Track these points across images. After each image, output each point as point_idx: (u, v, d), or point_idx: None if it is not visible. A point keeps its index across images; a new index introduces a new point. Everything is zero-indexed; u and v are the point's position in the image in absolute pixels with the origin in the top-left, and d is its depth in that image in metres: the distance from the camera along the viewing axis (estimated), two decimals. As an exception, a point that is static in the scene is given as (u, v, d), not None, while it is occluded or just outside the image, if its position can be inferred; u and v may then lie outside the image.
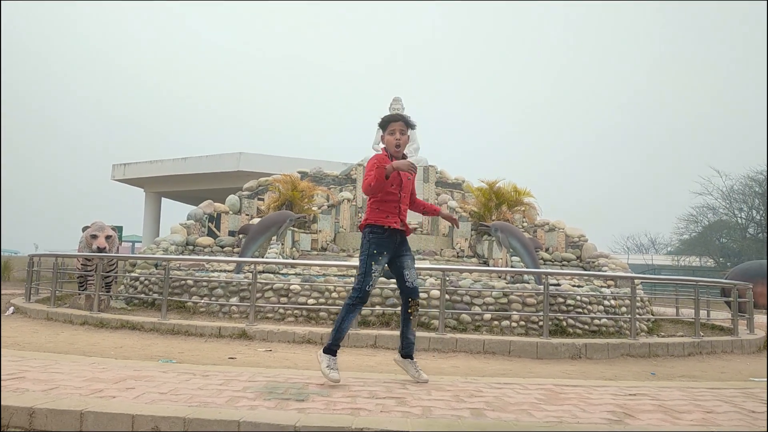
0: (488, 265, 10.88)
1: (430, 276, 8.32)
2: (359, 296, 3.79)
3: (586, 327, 7.69)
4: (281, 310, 7.83)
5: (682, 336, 8.04)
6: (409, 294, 3.92)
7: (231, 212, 12.53)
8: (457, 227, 4.37)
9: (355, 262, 8.82)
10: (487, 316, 7.53)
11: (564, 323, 7.60)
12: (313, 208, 12.29)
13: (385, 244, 3.84)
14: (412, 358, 4.00)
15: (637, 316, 7.75)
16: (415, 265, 4.10)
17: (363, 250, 3.87)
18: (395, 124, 3.89)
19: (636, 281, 8.07)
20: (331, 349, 3.80)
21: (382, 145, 4.08)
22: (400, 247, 3.93)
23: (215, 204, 12.51)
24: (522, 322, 7.53)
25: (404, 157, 3.98)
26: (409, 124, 3.92)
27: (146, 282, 9.05)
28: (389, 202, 3.86)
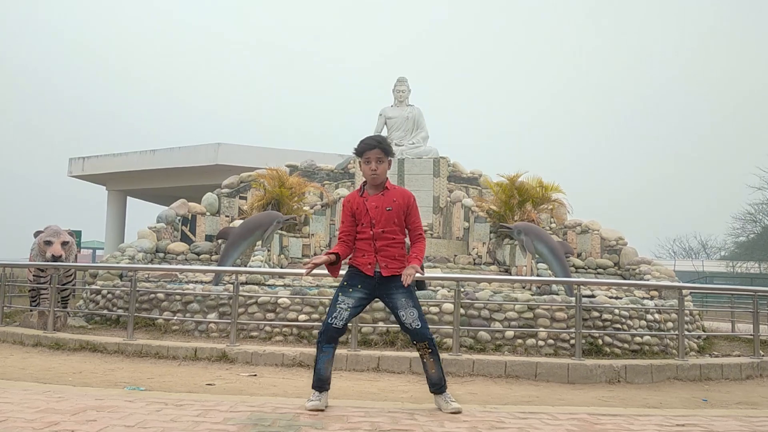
0: (510, 274, 10.87)
1: (442, 287, 8.32)
2: (323, 330, 3.89)
3: (626, 346, 7.68)
4: (267, 328, 7.84)
5: (739, 355, 8.03)
6: (412, 337, 3.94)
7: (208, 213, 12.56)
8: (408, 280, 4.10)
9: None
10: (510, 333, 7.53)
11: (600, 341, 7.59)
12: (305, 208, 12.30)
13: (359, 279, 3.94)
14: (441, 394, 4.01)
15: (686, 332, 7.74)
16: (425, 273, 4.10)
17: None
18: (370, 153, 3.92)
19: (684, 291, 8.06)
20: (316, 386, 3.91)
21: (384, 134, 4.12)
22: (384, 285, 3.93)
23: (190, 204, 12.54)
24: (550, 341, 7.52)
25: (383, 187, 3.97)
26: (387, 152, 3.97)
27: (109, 296, 9.07)
28: (362, 240, 3.96)
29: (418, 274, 3.88)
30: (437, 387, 3.99)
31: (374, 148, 3.93)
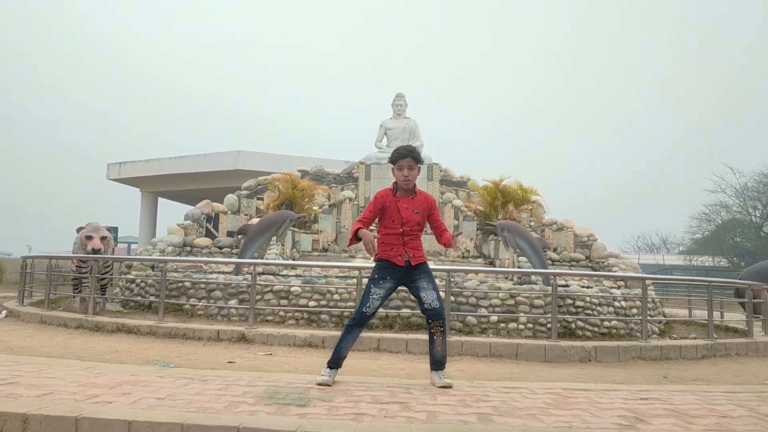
0: (494, 266, 10.87)
1: (435, 277, 8.29)
2: (356, 317, 3.97)
3: (596, 329, 7.68)
4: (281, 313, 7.83)
5: (695, 338, 8.03)
6: (429, 316, 3.99)
7: (229, 212, 12.55)
8: (459, 243, 4.38)
9: (358, 263, 8.83)
10: (494, 318, 7.53)
11: (573, 325, 7.59)
12: (314, 208, 12.29)
13: (389, 271, 4.00)
14: (438, 371, 4.06)
15: (649, 317, 7.74)
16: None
17: (370, 275, 4.10)
18: (403, 161, 4.02)
19: (647, 282, 8.06)
20: (331, 362, 3.94)
21: (384, 143, 4.16)
22: (411, 273, 4.03)
23: (213, 204, 12.52)
24: (530, 325, 7.52)
25: (413, 190, 4.08)
26: (417, 160, 4.06)
27: (142, 284, 9.07)
28: (391, 235, 4.03)
29: (459, 237, 4.13)
30: (440, 364, 4.05)
31: (406, 157, 4.03)
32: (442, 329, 4.01)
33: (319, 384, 3.78)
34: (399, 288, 4.22)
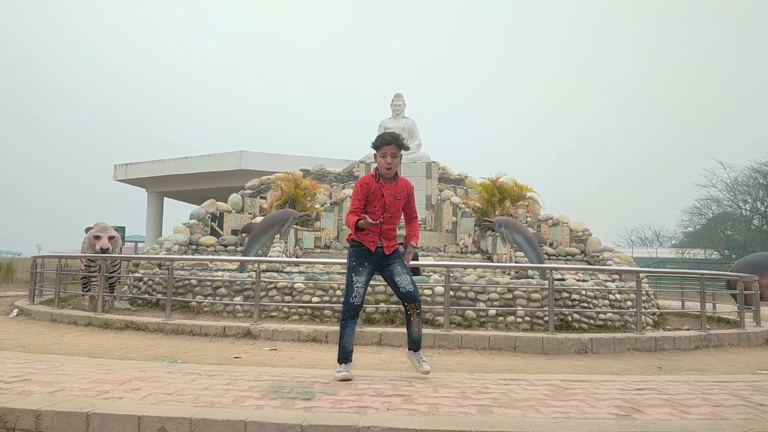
0: (492, 261, 10.86)
1: (434, 272, 8.31)
2: (346, 309, 3.92)
3: (592, 322, 7.68)
4: (285, 309, 7.84)
5: (689, 329, 8.03)
6: (404, 299, 3.97)
7: (234, 211, 12.54)
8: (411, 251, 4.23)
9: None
10: (492, 312, 7.53)
11: (569, 318, 7.59)
12: (316, 206, 12.28)
13: (365, 256, 3.95)
14: (416, 351, 4.09)
15: (643, 309, 7.74)
16: (420, 261, 4.13)
17: (347, 264, 4.03)
18: (387, 148, 3.93)
19: (641, 275, 8.06)
20: (342, 359, 3.93)
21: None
22: (385, 259, 3.99)
23: (218, 203, 12.51)
24: (527, 318, 7.52)
25: (396, 175, 4.01)
26: (401, 146, 3.98)
27: (150, 282, 9.07)
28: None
29: (415, 250, 4.04)
30: (417, 344, 4.06)
31: (390, 144, 3.94)
32: (418, 311, 4.00)
33: (340, 380, 3.75)
34: None
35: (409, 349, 4.11)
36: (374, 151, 4.01)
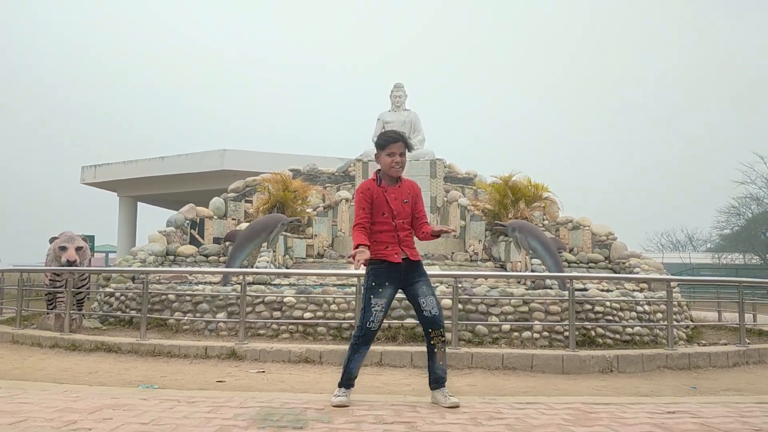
0: (506, 270, 10.87)
1: (441, 283, 8.32)
2: (361, 335, 3.87)
3: (618, 337, 7.69)
4: (274, 326, 7.84)
5: (726, 344, 8.03)
6: (428, 325, 3.88)
7: (216, 217, 12.56)
8: (450, 234, 4.31)
9: (356, 270, 8.83)
10: (506, 327, 7.54)
11: (592, 333, 7.59)
12: (308, 210, 12.30)
13: (385, 275, 3.87)
14: (441, 388, 3.95)
15: (675, 322, 7.74)
16: (426, 270, 4.08)
17: (364, 284, 3.97)
18: (395, 146, 3.91)
19: (672, 283, 8.08)
20: (343, 383, 3.89)
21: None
22: (409, 275, 3.92)
23: (198, 208, 12.53)
24: (545, 333, 7.53)
25: (399, 180, 3.99)
26: (408, 146, 3.97)
27: (122, 298, 9.07)
28: (385, 232, 3.89)
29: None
30: (442, 381, 3.92)
31: (398, 141, 3.93)
32: (443, 339, 3.92)
33: (335, 406, 3.72)
34: (402, 296, 4.15)
35: (432, 389, 3.96)
36: (375, 151, 4.00)
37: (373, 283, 3.86)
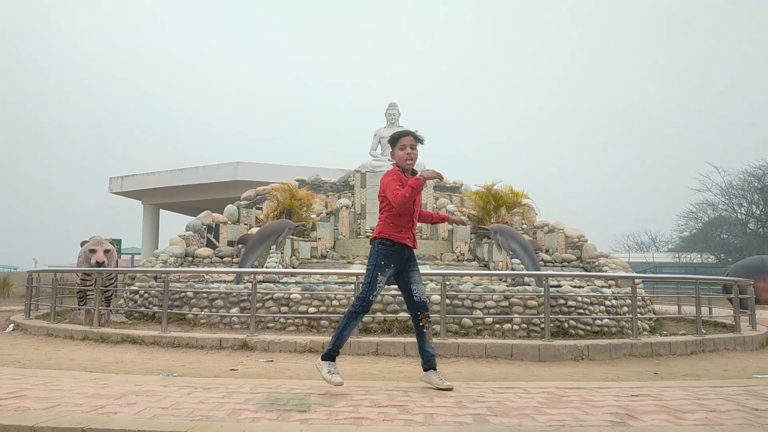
0: (489, 269, 10.88)
1: (431, 281, 8.32)
2: (362, 305, 3.90)
3: (588, 328, 7.69)
4: (282, 320, 7.83)
5: (685, 334, 8.05)
6: (417, 308, 3.97)
7: (229, 222, 12.54)
8: (464, 224, 4.46)
9: (355, 269, 8.83)
10: (489, 319, 7.54)
11: (566, 325, 7.60)
12: (312, 216, 12.29)
13: (393, 256, 3.91)
14: (435, 369, 4.01)
15: (639, 315, 7.76)
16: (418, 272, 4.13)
17: (371, 261, 3.96)
18: (405, 139, 3.96)
19: (637, 280, 8.09)
20: (330, 355, 3.89)
21: (378, 152, 4.15)
22: (407, 262, 3.99)
23: (213, 214, 12.51)
24: (524, 325, 7.53)
25: (414, 172, 4.04)
26: (418, 139, 3.99)
27: (146, 295, 9.05)
28: (404, 216, 3.92)
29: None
30: (433, 359, 3.99)
31: (408, 135, 3.97)
32: (430, 320, 4.01)
33: (336, 384, 3.74)
34: (397, 293, 4.22)
35: (425, 370, 3.98)
36: (371, 163, 4.05)
37: (382, 262, 3.89)
